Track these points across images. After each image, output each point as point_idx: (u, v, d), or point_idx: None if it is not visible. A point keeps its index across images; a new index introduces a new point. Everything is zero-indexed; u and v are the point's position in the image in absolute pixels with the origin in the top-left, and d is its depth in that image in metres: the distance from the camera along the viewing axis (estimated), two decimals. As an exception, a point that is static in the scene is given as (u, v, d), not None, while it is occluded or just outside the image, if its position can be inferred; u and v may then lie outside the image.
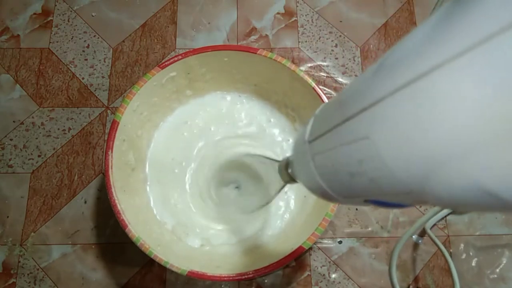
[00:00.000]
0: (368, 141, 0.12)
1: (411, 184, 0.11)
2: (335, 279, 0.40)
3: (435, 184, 0.10)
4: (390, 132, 0.11)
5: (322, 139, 0.15)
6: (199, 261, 0.35)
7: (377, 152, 0.11)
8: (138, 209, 0.36)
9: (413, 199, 0.12)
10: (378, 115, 0.11)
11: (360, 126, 0.12)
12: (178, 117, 0.42)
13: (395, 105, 0.11)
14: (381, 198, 0.13)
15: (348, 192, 0.15)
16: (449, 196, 0.10)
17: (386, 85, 0.11)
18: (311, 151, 0.16)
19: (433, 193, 0.10)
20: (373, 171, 0.12)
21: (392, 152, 0.11)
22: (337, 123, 0.13)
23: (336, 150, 0.14)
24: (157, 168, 0.40)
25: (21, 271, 0.40)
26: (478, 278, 0.40)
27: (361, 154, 0.12)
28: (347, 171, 0.13)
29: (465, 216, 0.42)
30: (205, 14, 0.49)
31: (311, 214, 0.36)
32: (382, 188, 0.12)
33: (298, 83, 0.37)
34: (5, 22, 0.49)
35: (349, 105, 0.13)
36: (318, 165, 0.15)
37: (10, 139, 0.44)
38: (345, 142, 0.13)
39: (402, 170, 0.11)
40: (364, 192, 0.14)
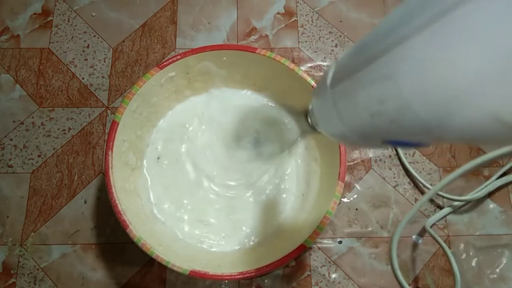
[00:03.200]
0: (391, 81, 0.12)
1: (431, 121, 0.11)
2: (335, 279, 0.40)
3: (456, 120, 0.11)
4: (413, 70, 0.11)
5: (344, 83, 0.16)
6: (200, 260, 0.35)
7: (400, 91, 0.12)
8: (138, 209, 0.36)
9: (432, 136, 0.12)
10: (401, 54, 0.12)
11: (383, 67, 0.13)
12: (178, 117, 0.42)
13: (418, 44, 0.11)
14: (400, 138, 0.14)
15: (368, 133, 0.15)
16: (469, 130, 0.11)
17: (410, 25, 0.11)
18: (333, 96, 0.16)
19: (453, 128, 0.11)
20: (394, 110, 0.12)
21: (414, 90, 0.11)
22: (360, 66, 0.14)
23: (358, 92, 0.14)
24: (157, 168, 0.40)
25: (21, 271, 0.40)
26: (478, 278, 0.40)
27: (383, 94, 0.13)
28: (368, 112, 0.14)
29: (465, 216, 0.42)
30: (205, 14, 0.49)
31: (311, 213, 0.36)
32: (403, 127, 0.13)
33: (298, 82, 0.37)
34: (5, 22, 0.49)
35: (372, 47, 0.13)
36: (340, 109, 0.16)
37: (10, 139, 0.44)
38: (367, 83, 0.13)
39: (424, 107, 0.11)
40: (384, 133, 0.14)
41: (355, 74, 0.14)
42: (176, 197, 0.40)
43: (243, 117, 0.40)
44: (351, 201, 0.43)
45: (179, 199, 0.40)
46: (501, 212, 0.42)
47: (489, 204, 0.43)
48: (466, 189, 0.43)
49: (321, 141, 0.38)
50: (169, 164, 0.41)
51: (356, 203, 0.43)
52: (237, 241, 0.38)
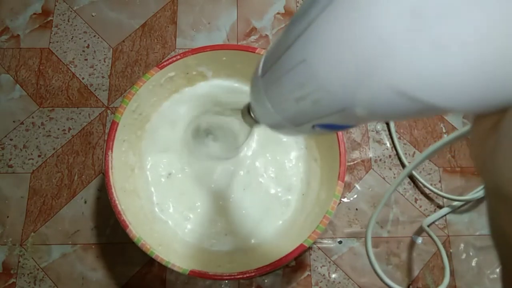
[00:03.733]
0: (305, 63, 0.13)
1: (344, 98, 0.12)
2: (335, 279, 0.40)
3: (362, 96, 0.11)
4: (320, 50, 0.12)
5: (271, 71, 0.16)
6: (200, 260, 0.35)
7: (313, 73, 0.12)
8: (138, 209, 0.36)
9: (350, 115, 0.13)
10: (310, 36, 0.12)
11: (297, 51, 0.13)
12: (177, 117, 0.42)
13: (322, 23, 0.12)
14: (325, 121, 0.14)
15: (297, 119, 0.16)
16: (376, 105, 0.11)
17: (314, 9, 0.12)
18: (263, 85, 0.17)
19: (362, 104, 0.12)
20: (313, 92, 0.13)
21: (324, 69, 0.12)
22: (281, 53, 0.15)
23: (282, 79, 0.15)
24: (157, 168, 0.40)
25: (21, 271, 0.40)
26: (478, 278, 0.40)
27: (301, 78, 0.13)
28: (293, 97, 0.15)
29: (465, 216, 0.42)
30: (205, 14, 0.49)
31: (311, 213, 0.36)
32: (323, 108, 0.13)
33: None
34: (5, 22, 0.49)
35: (289, 34, 0.14)
36: (270, 96, 0.17)
37: (10, 139, 0.44)
38: (288, 69, 0.14)
39: (335, 85, 0.12)
40: (310, 116, 0.15)
41: (277, 61, 0.15)
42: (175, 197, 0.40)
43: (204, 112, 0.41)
44: (351, 201, 0.43)
45: (179, 198, 0.40)
46: (501, 212, 0.42)
47: (489, 204, 0.43)
48: (466, 189, 0.43)
49: (321, 141, 0.38)
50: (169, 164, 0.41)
51: (356, 203, 0.43)
52: (237, 241, 0.38)
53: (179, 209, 0.39)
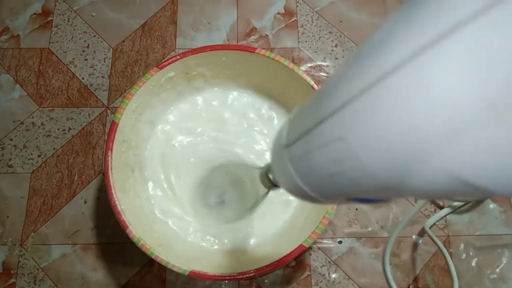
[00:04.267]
0: (343, 142, 0.12)
1: (388, 181, 0.11)
2: (335, 279, 0.40)
3: (413, 179, 0.10)
4: (363, 131, 0.11)
5: (298, 143, 0.15)
6: (200, 260, 0.35)
7: (353, 152, 0.11)
8: (138, 210, 0.36)
9: (392, 194, 0.12)
10: (350, 115, 0.11)
11: (333, 128, 0.12)
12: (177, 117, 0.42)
13: (365, 104, 0.11)
14: (362, 195, 0.13)
15: (329, 192, 0.15)
16: (426, 189, 0.10)
17: (355, 85, 0.11)
18: (289, 155, 0.16)
19: (410, 187, 0.11)
20: (351, 171, 0.12)
21: (367, 151, 0.11)
22: (311, 126, 0.14)
23: (313, 153, 0.14)
24: (157, 168, 0.40)
25: (21, 271, 0.40)
26: (478, 278, 0.40)
27: (338, 155, 0.12)
28: (326, 172, 0.13)
29: (465, 216, 0.42)
30: (205, 14, 0.49)
31: (311, 213, 0.36)
32: (361, 186, 0.12)
33: (297, 82, 0.37)
34: (5, 22, 0.49)
35: (322, 107, 0.13)
36: (297, 168, 0.15)
37: (10, 139, 0.44)
38: (321, 145, 0.13)
39: (379, 168, 0.11)
40: (345, 192, 0.14)
41: (307, 135, 0.14)
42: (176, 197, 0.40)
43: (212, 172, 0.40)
44: (351, 201, 0.43)
45: (180, 198, 0.40)
46: (501, 212, 0.42)
47: (489, 204, 0.43)
48: (466, 189, 0.43)
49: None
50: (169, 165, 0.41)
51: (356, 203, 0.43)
52: (237, 241, 0.38)
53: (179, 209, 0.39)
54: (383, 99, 0.10)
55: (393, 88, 0.10)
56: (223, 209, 0.39)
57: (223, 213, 0.39)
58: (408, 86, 0.09)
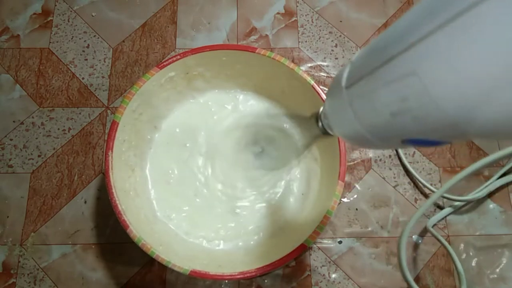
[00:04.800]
0: (415, 77, 0.12)
1: (458, 116, 0.11)
2: (335, 279, 0.40)
3: (483, 114, 0.10)
4: (439, 66, 0.11)
5: (361, 83, 0.15)
6: (200, 260, 0.35)
7: (424, 88, 0.11)
8: (139, 209, 0.36)
9: (456, 133, 0.12)
10: (426, 49, 0.11)
11: (406, 63, 0.12)
12: (177, 117, 0.42)
13: (443, 39, 0.11)
14: (422, 136, 0.13)
15: (387, 133, 0.15)
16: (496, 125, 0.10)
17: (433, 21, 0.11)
18: (349, 97, 0.16)
19: (479, 123, 0.11)
20: (418, 108, 0.12)
21: (440, 85, 0.11)
22: (380, 64, 0.14)
23: (377, 91, 0.14)
24: (158, 168, 0.40)
25: (21, 271, 0.40)
26: (478, 278, 0.40)
27: (406, 92, 0.12)
28: (388, 111, 0.13)
29: (465, 216, 0.42)
30: (205, 14, 0.49)
31: (311, 213, 0.36)
32: (426, 124, 0.12)
33: (297, 82, 0.37)
34: (5, 22, 0.49)
35: (392, 45, 0.13)
36: (357, 109, 0.16)
37: (10, 139, 0.44)
38: (388, 81, 0.13)
39: (451, 103, 0.11)
40: (405, 131, 0.14)
41: (373, 73, 0.14)
42: (177, 197, 0.40)
43: (248, 125, 0.40)
44: (351, 201, 0.43)
45: (181, 199, 0.40)
46: (501, 212, 0.42)
47: (489, 204, 0.43)
48: (466, 189, 0.43)
49: (321, 141, 0.38)
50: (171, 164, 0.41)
51: (356, 203, 0.43)
52: (237, 241, 0.38)
53: (180, 209, 0.39)
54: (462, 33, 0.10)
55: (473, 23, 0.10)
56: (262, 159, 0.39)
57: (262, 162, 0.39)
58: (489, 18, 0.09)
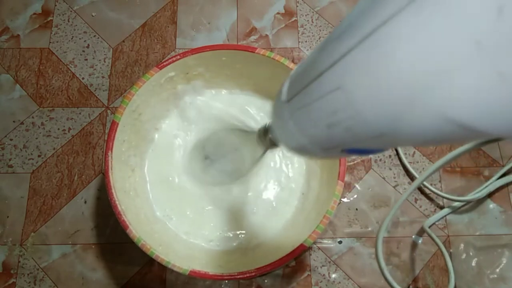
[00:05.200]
0: (340, 91, 0.13)
1: (383, 126, 0.12)
2: (335, 279, 0.40)
3: (407, 123, 0.11)
4: (360, 79, 0.12)
5: (298, 97, 0.16)
6: (200, 260, 0.35)
7: (350, 101, 0.12)
8: (139, 210, 0.36)
9: (386, 142, 0.13)
10: (348, 65, 0.12)
11: (332, 78, 0.13)
12: (177, 117, 0.42)
13: (363, 53, 0.11)
14: (357, 145, 0.14)
15: (327, 143, 0.16)
16: (420, 133, 0.11)
17: (352, 37, 0.12)
18: (289, 110, 0.17)
19: (404, 132, 0.11)
20: (348, 119, 0.13)
21: (362, 98, 0.12)
22: (312, 79, 0.14)
23: (312, 104, 0.15)
24: (157, 168, 0.40)
25: (21, 271, 0.40)
26: (478, 278, 0.40)
27: (335, 105, 0.13)
28: (324, 123, 0.14)
29: (465, 216, 0.42)
30: (205, 14, 0.49)
31: (311, 212, 0.36)
32: (357, 135, 0.13)
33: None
34: (5, 22, 0.49)
35: (321, 60, 0.14)
36: (297, 121, 0.17)
37: (10, 139, 0.44)
38: (320, 95, 0.14)
39: (374, 114, 0.12)
40: (342, 142, 0.15)
41: (307, 88, 0.15)
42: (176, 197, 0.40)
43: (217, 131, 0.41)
44: (351, 201, 0.43)
45: (180, 199, 0.40)
46: (501, 212, 0.42)
47: (489, 204, 0.43)
48: (466, 190, 0.43)
49: None
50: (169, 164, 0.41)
51: (356, 203, 0.43)
52: (237, 241, 0.38)
53: (180, 209, 0.39)
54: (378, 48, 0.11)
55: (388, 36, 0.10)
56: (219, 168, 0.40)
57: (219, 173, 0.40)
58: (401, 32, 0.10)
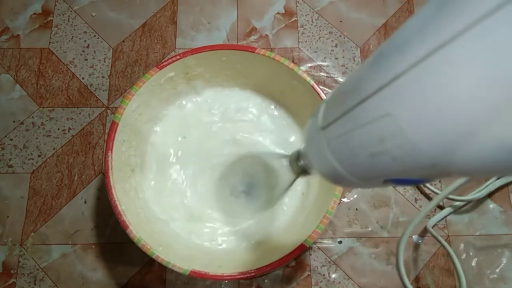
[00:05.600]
0: (390, 118, 0.11)
1: (437, 157, 0.11)
2: (335, 279, 0.40)
3: (464, 154, 0.10)
4: (413, 106, 0.11)
5: (337, 124, 0.15)
6: (200, 260, 0.35)
7: (400, 129, 0.11)
8: (139, 210, 0.36)
9: (437, 172, 0.12)
10: (399, 90, 0.11)
11: (379, 104, 0.12)
12: (177, 117, 0.42)
13: (417, 78, 0.10)
14: (403, 176, 0.13)
15: (368, 174, 0.14)
16: (479, 163, 0.10)
17: (405, 60, 0.11)
18: (326, 137, 0.16)
19: (460, 163, 0.10)
20: (396, 148, 0.12)
21: (416, 126, 0.11)
22: (353, 105, 0.13)
23: (354, 132, 0.13)
24: (157, 168, 0.40)
25: (21, 271, 0.40)
26: (478, 278, 0.40)
27: (382, 133, 0.12)
28: (367, 152, 0.13)
29: (465, 216, 0.42)
30: (205, 14, 0.49)
31: (311, 212, 0.36)
32: (406, 165, 0.12)
33: (297, 82, 0.37)
34: (5, 22, 0.49)
35: (365, 85, 0.13)
36: (335, 150, 0.15)
37: (10, 139, 0.44)
38: (364, 123, 0.13)
39: (428, 144, 0.11)
40: (386, 172, 0.13)
41: (348, 114, 0.14)
42: (176, 197, 0.40)
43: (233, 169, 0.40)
44: (351, 201, 0.43)
45: (180, 199, 0.40)
46: (501, 212, 0.42)
47: (489, 204, 0.43)
48: (466, 189, 0.43)
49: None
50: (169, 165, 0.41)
51: (356, 203, 0.43)
52: (237, 241, 0.38)
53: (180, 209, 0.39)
54: (437, 72, 0.10)
55: (447, 61, 0.10)
56: (249, 200, 0.39)
57: (249, 204, 0.39)
58: (465, 56, 0.09)
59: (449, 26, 0.10)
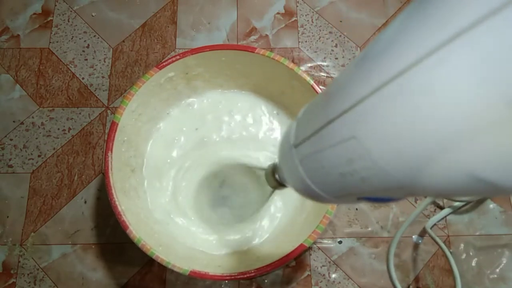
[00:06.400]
0: (355, 141, 0.12)
1: (402, 179, 0.11)
2: (335, 279, 0.40)
3: (427, 177, 0.10)
4: (377, 130, 0.11)
5: (308, 143, 0.15)
6: (200, 260, 0.35)
7: (366, 151, 0.11)
8: (139, 210, 0.36)
9: (404, 192, 0.12)
10: (363, 114, 0.11)
11: (345, 127, 0.12)
12: (177, 117, 0.42)
13: (379, 102, 0.10)
14: (373, 195, 0.13)
15: (339, 192, 0.14)
16: (441, 187, 0.10)
17: (367, 84, 0.11)
18: (298, 155, 0.16)
19: (425, 185, 0.11)
20: (364, 170, 0.12)
21: (381, 149, 0.11)
22: (321, 126, 0.13)
23: (323, 152, 0.13)
24: (157, 169, 0.40)
25: (21, 271, 0.40)
26: (478, 278, 0.40)
27: (350, 154, 0.12)
28: (337, 172, 0.13)
29: (465, 216, 0.42)
30: (205, 14, 0.49)
31: (311, 212, 0.36)
32: (374, 185, 0.12)
33: (297, 82, 0.37)
34: (5, 22, 0.49)
35: (331, 106, 0.13)
36: (307, 168, 0.15)
37: (10, 139, 0.44)
38: (332, 144, 0.13)
39: (393, 166, 0.11)
40: (356, 191, 0.13)
41: (317, 134, 0.14)
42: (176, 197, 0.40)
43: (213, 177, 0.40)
44: (351, 201, 0.43)
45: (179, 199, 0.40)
46: (501, 212, 0.42)
47: (489, 204, 0.43)
48: (466, 189, 0.43)
49: None
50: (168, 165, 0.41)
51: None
52: (237, 241, 0.38)
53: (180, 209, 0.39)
54: (400, 97, 0.10)
55: (409, 87, 0.10)
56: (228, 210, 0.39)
57: (228, 214, 0.39)
58: (424, 85, 0.09)
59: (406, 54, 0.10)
